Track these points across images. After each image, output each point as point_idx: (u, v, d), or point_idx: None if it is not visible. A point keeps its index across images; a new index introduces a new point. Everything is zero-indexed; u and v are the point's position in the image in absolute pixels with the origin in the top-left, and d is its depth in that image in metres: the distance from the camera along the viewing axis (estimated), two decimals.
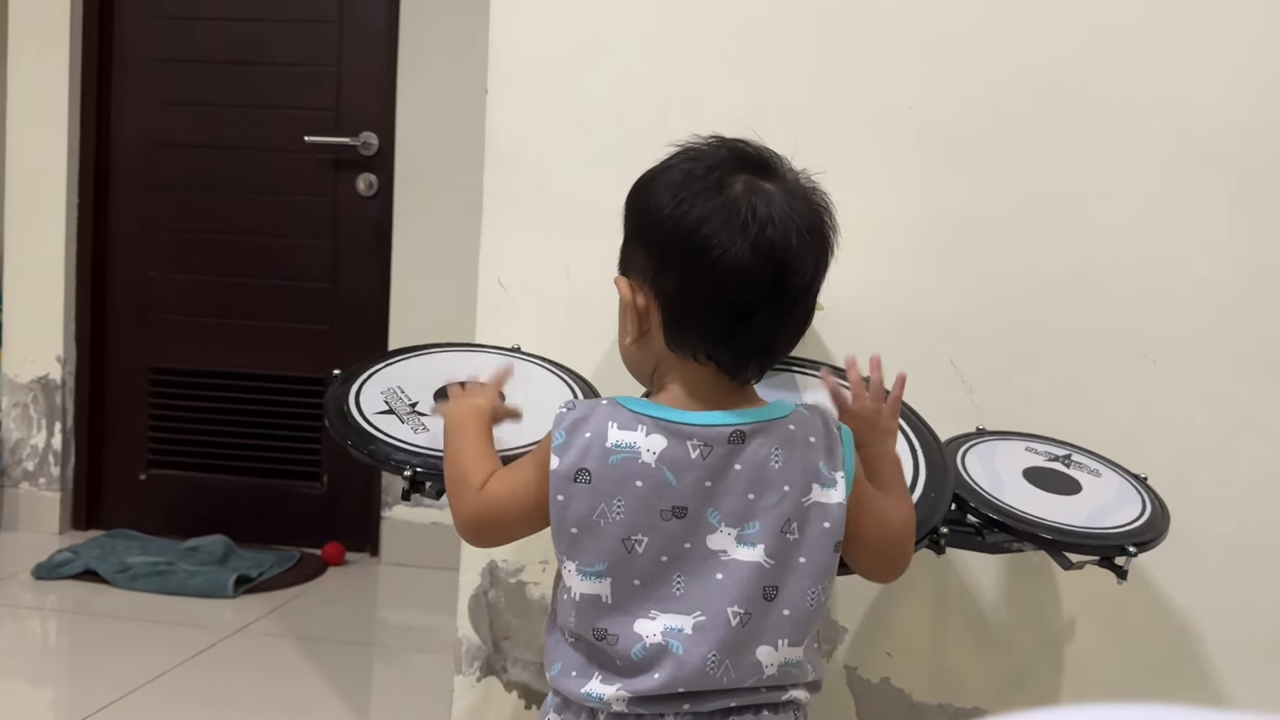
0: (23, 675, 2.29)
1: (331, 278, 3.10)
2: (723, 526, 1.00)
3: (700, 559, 1.00)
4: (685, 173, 1.01)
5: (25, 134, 3.09)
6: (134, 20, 3.14)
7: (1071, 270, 1.61)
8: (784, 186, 1.01)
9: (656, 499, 0.99)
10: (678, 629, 0.99)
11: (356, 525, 3.09)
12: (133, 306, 3.17)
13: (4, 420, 3.13)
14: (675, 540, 1.00)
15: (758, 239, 0.97)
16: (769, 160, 1.03)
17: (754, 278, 0.97)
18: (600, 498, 0.99)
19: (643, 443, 0.99)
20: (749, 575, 1.00)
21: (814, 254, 1.00)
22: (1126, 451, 1.53)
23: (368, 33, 3.06)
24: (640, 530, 0.99)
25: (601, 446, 0.99)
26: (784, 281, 0.98)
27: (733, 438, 1.00)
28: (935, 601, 1.69)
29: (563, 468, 0.99)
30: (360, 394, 1.36)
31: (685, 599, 1.00)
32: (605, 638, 1.01)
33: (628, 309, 1.04)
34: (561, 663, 1.04)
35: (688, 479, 0.99)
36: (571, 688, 1.02)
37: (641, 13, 1.70)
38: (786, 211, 0.98)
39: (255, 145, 3.10)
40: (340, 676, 2.25)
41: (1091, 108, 1.60)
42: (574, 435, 1.00)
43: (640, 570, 1.00)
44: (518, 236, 1.73)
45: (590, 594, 1.00)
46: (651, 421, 1.00)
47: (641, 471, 0.98)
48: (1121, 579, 1.37)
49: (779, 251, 0.97)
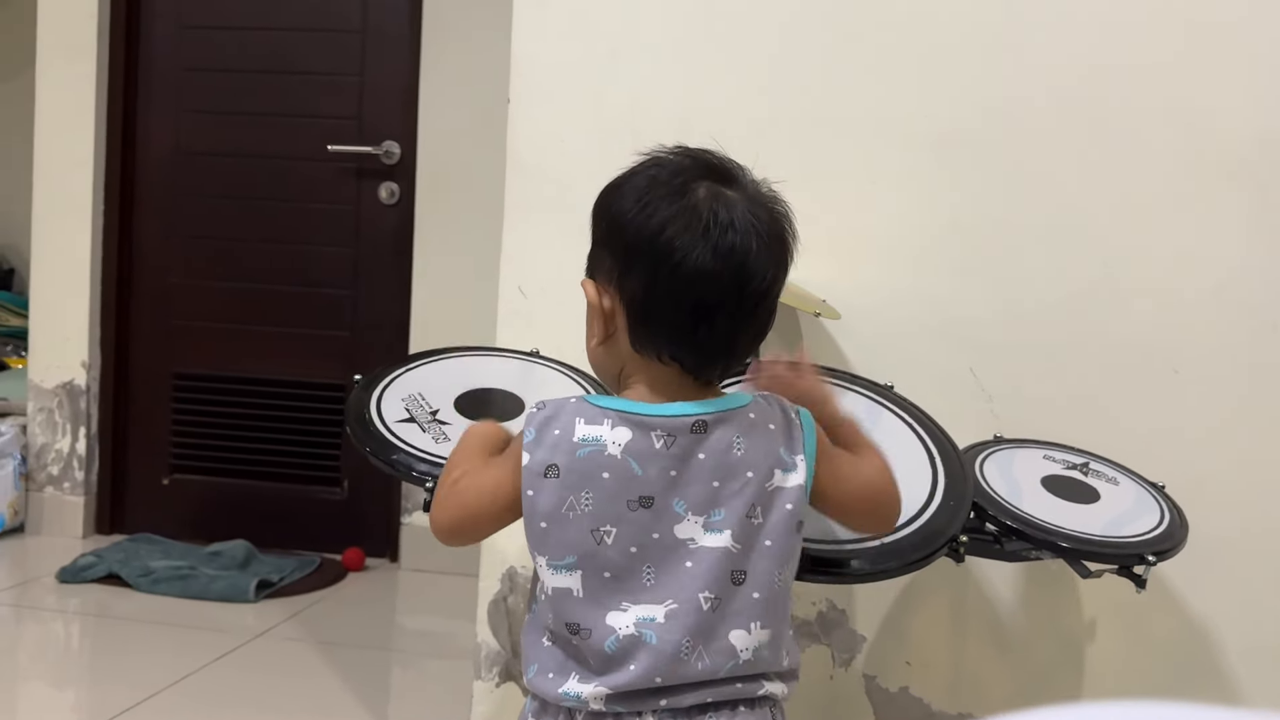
0: (46, 677, 2.32)
1: (353, 285, 3.13)
2: (689, 515, 1.02)
3: (669, 548, 1.02)
4: (650, 179, 1.05)
5: (52, 142, 3.13)
6: (160, 30, 3.18)
7: (1090, 279, 1.61)
8: (745, 194, 1.04)
9: (623, 490, 1.01)
10: (650, 619, 1.01)
11: (377, 531, 3.11)
12: (157, 313, 3.21)
13: (29, 425, 3.16)
14: (643, 531, 1.02)
15: (719, 243, 1.00)
16: (730, 169, 1.06)
17: (716, 281, 1.00)
18: (568, 491, 1.01)
19: (608, 435, 1.01)
20: (717, 560, 1.02)
21: (774, 259, 1.03)
22: (1145, 460, 1.53)
23: (390, 42, 3.08)
24: (609, 521, 1.01)
25: (569, 441, 1.02)
26: (744, 285, 1.01)
27: (695, 427, 1.02)
28: (954, 610, 1.68)
29: (533, 463, 1.02)
30: (382, 401, 1.37)
31: (656, 589, 1.02)
32: (578, 632, 1.02)
33: (594, 311, 1.07)
34: (538, 664, 1.05)
35: (653, 469, 1.01)
36: (548, 688, 1.03)
37: (659, 24, 1.71)
38: (748, 217, 1.02)
39: (279, 154, 3.13)
40: (360, 681, 2.27)
41: (1110, 115, 1.60)
42: (544, 432, 1.03)
43: (610, 562, 1.02)
44: (538, 243, 1.74)
45: (562, 588, 1.02)
46: (616, 415, 1.02)
47: (608, 463, 1.01)
48: (1140, 588, 1.36)
49: (739, 255, 1.01)
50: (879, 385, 1.53)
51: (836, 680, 1.69)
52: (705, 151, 1.08)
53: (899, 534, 1.31)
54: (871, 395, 1.50)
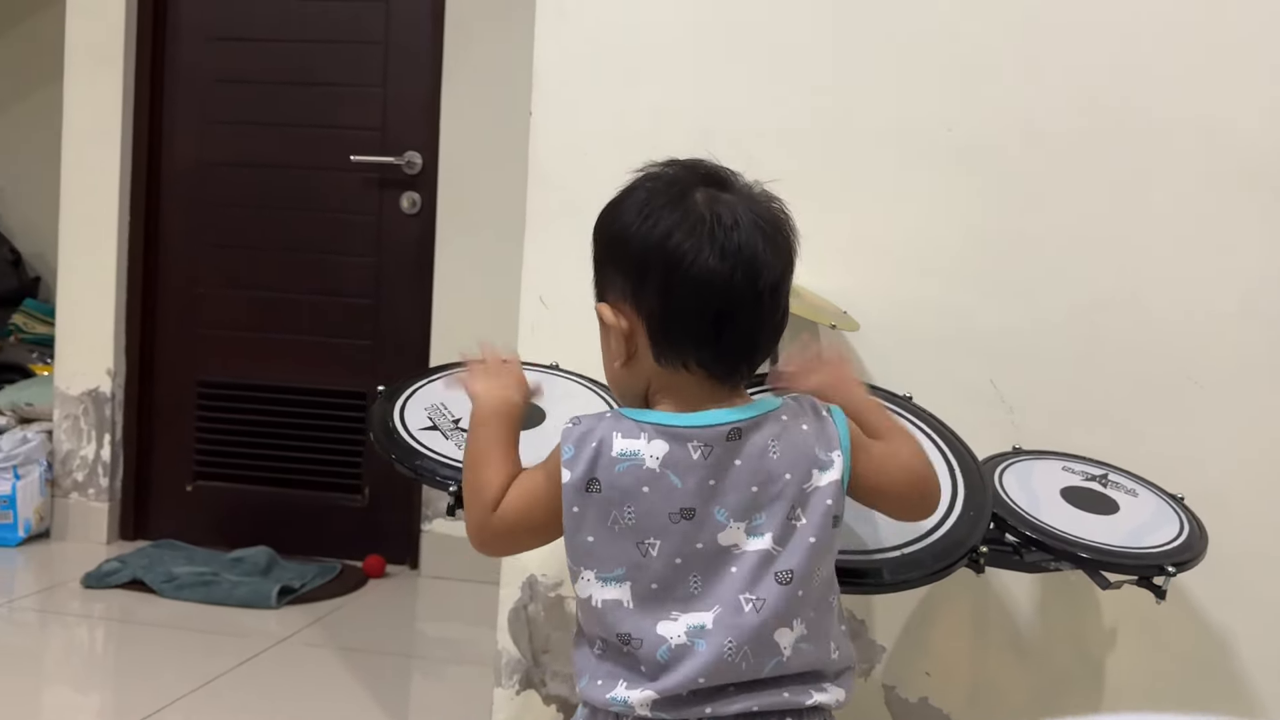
0: (70, 682, 2.34)
1: (375, 294, 3.15)
2: (731, 522, 1.03)
3: (713, 556, 1.03)
4: (648, 191, 1.06)
5: (79, 153, 3.16)
6: (186, 41, 3.22)
7: (1112, 291, 1.61)
8: (741, 196, 1.06)
9: (664, 502, 1.02)
10: (700, 626, 1.02)
11: (397, 538, 3.12)
12: (182, 321, 3.24)
13: (55, 431, 3.19)
14: (687, 541, 1.02)
15: (725, 243, 1.02)
16: (723, 174, 1.08)
17: (728, 280, 1.02)
18: (611, 506, 1.02)
19: (645, 449, 1.02)
20: (759, 563, 1.03)
21: (779, 252, 1.05)
22: (1164, 472, 1.53)
23: (413, 55, 3.11)
24: (652, 534, 1.02)
25: (608, 456, 1.02)
26: (755, 280, 1.02)
27: (730, 435, 1.03)
28: (974, 621, 1.69)
29: (574, 479, 1.03)
30: (405, 410, 1.39)
31: (703, 597, 1.03)
32: (630, 642, 1.03)
33: (612, 333, 1.07)
34: (589, 674, 1.07)
35: (691, 480, 1.02)
36: (597, 695, 1.05)
37: (681, 37, 1.72)
38: (748, 215, 1.03)
39: (303, 164, 3.16)
40: (380, 687, 2.28)
41: (1132, 128, 1.61)
42: (582, 447, 1.03)
43: (656, 574, 1.03)
44: (559, 255, 1.75)
45: (611, 599, 1.03)
46: (652, 428, 1.03)
47: (647, 477, 1.02)
48: (1160, 599, 1.37)
49: (747, 252, 1.02)
50: (897, 396, 1.53)
51: (856, 690, 1.69)
52: (697, 161, 1.09)
53: (919, 545, 1.31)
54: (890, 406, 1.50)
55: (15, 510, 3.05)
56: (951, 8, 1.64)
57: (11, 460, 3.05)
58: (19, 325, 3.85)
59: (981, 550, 1.33)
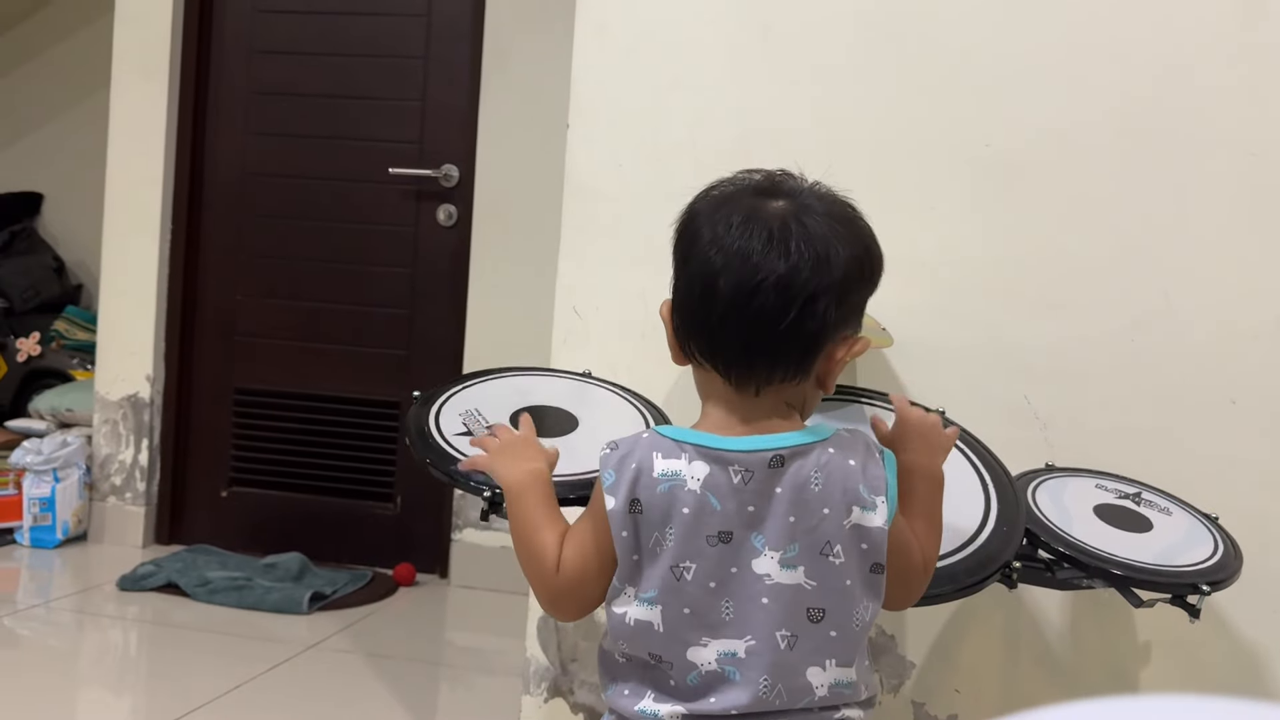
0: (104, 683, 2.37)
1: (410, 304, 3.18)
2: (767, 550, 1.01)
3: (747, 584, 1.01)
4: (712, 198, 1.07)
5: (124, 161, 3.22)
6: (230, 54, 3.28)
7: (1149, 308, 1.61)
8: (793, 206, 1.02)
9: (702, 525, 1.01)
10: (731, 654, 1.01)
11: (428, 547, 3.14)
12: (220, 329, 3.29)
13: (95, 436, 3.24)
14: (721, 566, 1.01)
15: (727, 243, 1.00)
16: (782, 182, 1.06)
17: (716, 278, 1.00)
18: (653, 527, 1.01)
19: (686, 470, 1.01)
20: (792, 598, 1.01)
21: (802, 270, 0.99)
22: (1199, 491, 1.51)
23: (452, 69, 3.15)
24: (688, 558, 1.01)
25: (649, 476, 1.01)
26: (754, 287, 0.99)
27: (773, 462, 1.02)
28: (1005, 638, 1.68)
29: (618, 505, 1.01)
30: (440, 415, 1.40)
31: (735, 624, 1.01)
32: (660, 663, 1.03)
33: (666, 328, 1.10)
34: (616, 682, 1.07)
35: (731, 504, 1.01)
36: (625, 706, 1.04)
37: (719, 51, 1.74)
38: (783, 226, 1.00)
39: (342, 176, 3.20)
40: (409, 694, 2.29)
41: (1171, 145, 1.60)
42: (622, 471, 1.02)
43: (690, 598, 1.01)
44: (594, 266, 1.77)
45: (644, 620, 1.02)
46: (693, 449, 1.02)
47: (687, 498, 1.01)
48: (1194, 618, 1.35)
49: (750, 258, 0.99)
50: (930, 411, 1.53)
51: (885, 706, 1.68)
52: (773, 172, 1.07)
53: (952, 559, 1.31)
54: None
55: (54, 513, 3.10)
56: (994, 24, 1.65)
57: (51, 463, 3.10)
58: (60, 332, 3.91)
59: (1014, 566, 1.32)
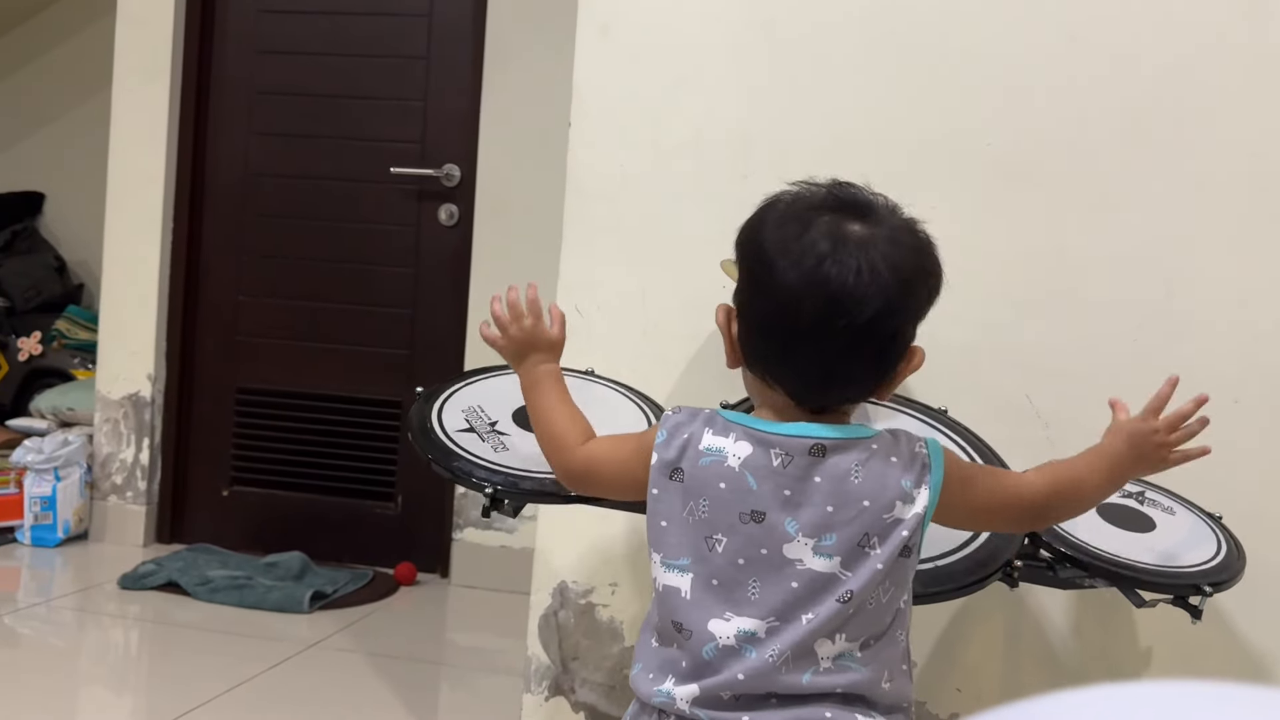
0: (105, 682, 2.37)
1: (411, 304, 3.18)
2: (800, 536, 1.03)
3: (776, 566, 1.03)
4: (786, 205, 1.06)
5: (127, 160, 3.22)
6: (232, 54, 3.28)
7: (1152, 309, 1.61)
8: (874, 230, 1.02)
9: (737, 501, 1.04)
10: (750, 633, 1.02)
11: (429, 546, 3.14)
12: (222, 328, 3.28)
13: (96, 435, 3.24)
14: (752, 544, 1.03)
15: (813, 272, 1.00)
16: (864, 201, 1.05)
17: (796, 306, 1.01)
18: (689, 496, 1.05)
19: (730, 448, 1.05)
20: (823, 585, 1.02)
21: (887, 296, 1.00)
22: (1202, 490, 1.51)
23: (454, 69, 3.15)
24: (720, 530, 1.04)
25: (696, 449, 1.06)
26: (833, 315, 1.00)
27: (813, 450, 1.04)
28: (1006, 638, 1.68)
29: (660, 464, 1.07)
30: (443, 411, 1.40)
31: (759, 603, 1.03)
32: (681, 631, 1.05)
33: (723, 334, 1.11)
34: (642, 663, 1.09)
35: (767, 485, 1.03)
36: (646, 688, 1.06)
37: (721, 51, 1.74)
38: (864, 253, 1.00)
39: (343, 175, 3.20)
40: (409, 693, 2.29)
41: (1172, 143, 1.60)
42: (675, 436, 1.07)
43: (718, 570, 1.04)
44: (596, 265, 1.77)
45: (672, 586, 1.05)
46: (741, 430, 1.05)
47: (726, 474, 1.04)
48: (1196, 619, 1.35)
49: (832, 286, 0.99)
50: (932, 409, 1.53)
51: None
52: (848, 185, 1.07)
53: (953, 557, 1.31)
54: (925, 419, 1.50)
55: (55, 511, 3.10)
56: (997, 24, 1.65)
57: (52, 462, 3.10)
58: (62, 331, 3.92)
59: (1016, 565, 1.32)
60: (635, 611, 1.74)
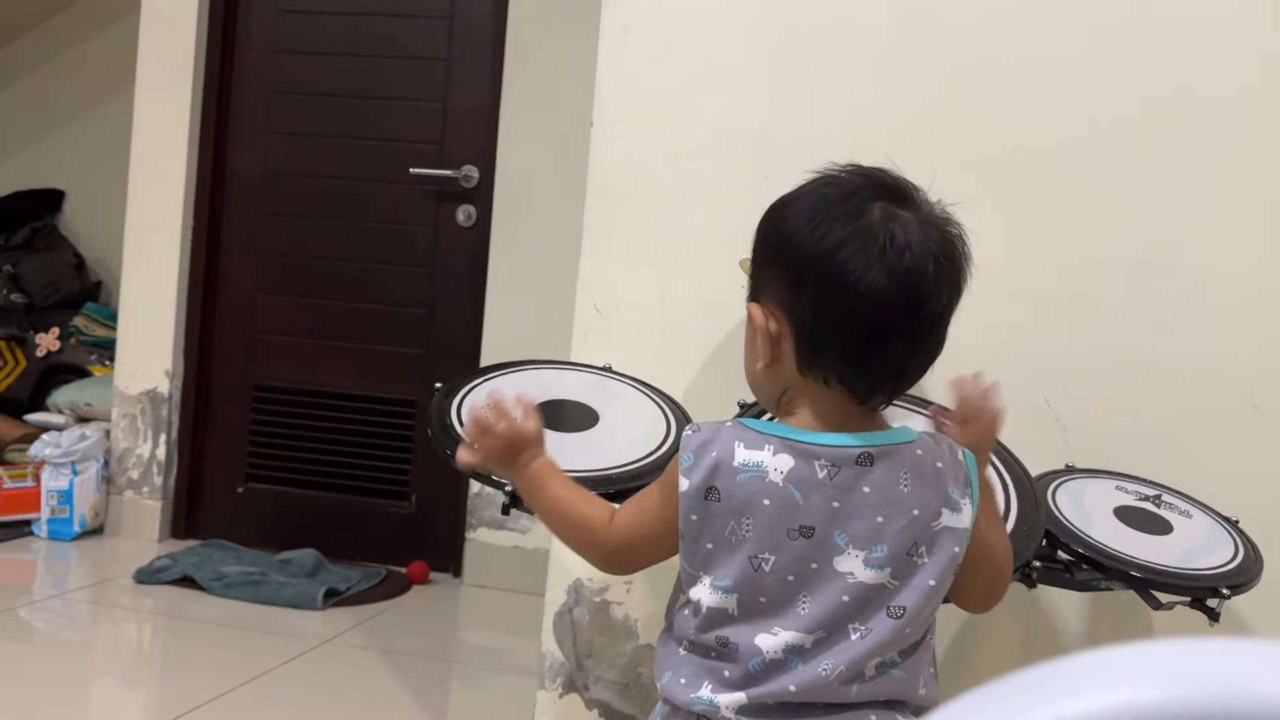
0: (118, 674, 2.38)
1: (428, 304, 3.20)
2: (850, 549, 0.99)
3: (826, 580, 1.00)
4: (821, 197, 1.02)
5: (148, 158, 3.24)
6: (254, 53, 3.30)
7: (1172, 312, 1.61)
8: (920, 215, 1.01)
9: (784, 518, 0.99)
10: (799, 646, 0.99)
11: (441, 545, 3.15)
12: (240, 326, 3.30)
13: (113, 430, 3.26)
14: (801, 561, 1.00)
15: (895, 265, 0.97)
16: (905, 188, 1.03)
17: (890, 303, 0.98)
18: (729, 516, 1.00)
19: (769, 461, 0.99)
20: (874, 597, 1.00)
21: (948, 282, 1.00)
22: (1220, 495, 1.51)
23: (474, 70, 3.16)
24: (768, 549, 1.00)
25: (729, 465, 1.00)
26: (919, 308, 0.99)
27: (860, 459, 1.00)
28: (1022, 641, 1.67)
29: (692, 488, 1.01)
30: (462, 408, 1.41)
31: (809, 618, 1.00)
32: (727, 645, 1.01)
33: (760, 334, 1.04)
34: (671, 671, 1.05)
35: (815, 499, 0.99)
36: (680, 694, 1.03)
37: (742, 52, 1.74)
38: (922, 239, 0.99)
39: (362, 175, 3.22)
40: (421, 690, 2.30)
41: (1193, 147, 1.60)
42: (701, 456, 1.01)
43: (766, 589, 1.00)
44: (615, 263, 1.78)
45: (718, 607, 1.01)
46: (778, 441, 1.00)
47: (769, 490, 0.99)
48: (1214, 622, 1.35)
49: (916, 278, 0.98)
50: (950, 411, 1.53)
51: None
52: (879, 170, 1.05)
53: None
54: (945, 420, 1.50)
55: (72, 505, 3.12)
56: (1019, 27, 1.65)
57: (70, 457, 3.12)
58: (80, 328, 3.94)
59: (1034, 565, 1.32)
60: (650, 610, 1.75)
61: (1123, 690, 0.34)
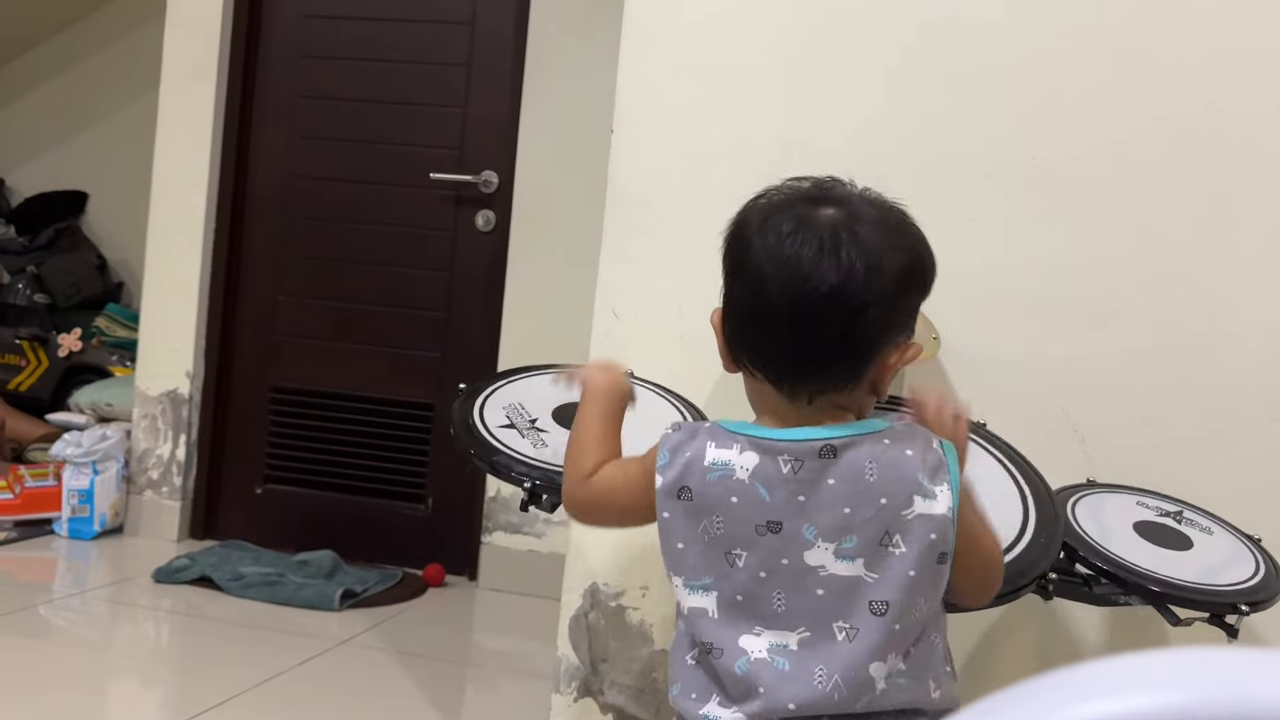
0: (136, 673, 2.40)
1: (446, 307, 3.21)
2: (820, 541, 1.01)
3: (798, 574, 1.01)
4: (761, 207, 1.07)
5: (171, 161, 3.27)
6: (277, 58, 3.32)
7: (1193, 325, 1.60)
8: (845, 212, 1.02)
9: (751, 514, 1.01)
10: (783, 645, 1.00)
11: (457, 548, 3.16)
12: (260, 328, 3.32)
13: (134, 430, 3.28)
14: (772, 555, 1.01)
15: (775, 250, 1.01)
16: (835, 191, 1.05)
17: (766, 285, 1.01)
18: (701, 515, 1.03)
19: (736, 460, 1.02)
20: (850, 590, 1.00)
21: (855, 277, 0.99)
22: (1241, 511, 1.50)
23: (495, 76, 3.18)
24: (739, 545, 1.02)
25: (700, 465, 1.03)
26: (804, 295, 0.99)
27: (823, 452, 1.01)
28: (1039, 654, 1.67)
29: (665, 485, 1.04)
30: (484, 408, 1.42)
31: (787, 615, 1.01)
32: (711, 651, 1.03)
33: (716, 336, 1.09)
34: (682, 683, 1.06)
35: (780, 494, 1.01)
36: (690, 709, 1.04)
37: (762, 60, 1.75)
38: (833, 234, 1.00)
39: (383, 180, 3.24)
40: (436, 693, 2.30)
41: (1216, 158, 1.60)
42: (676, 455, 1.04)
43: (741, 586, 1.02)
44: (634, 269, 1.78)
45: (697, 607, 1.03)
46: (745, 439, 1.03)
47: (736, 488, 1.02)
48: (1232, 638, 1.34)
49: (799, 265, 0.99)
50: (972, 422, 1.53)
51: None
52: (826, 178, 1.07)
53: None
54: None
55: (92, 505, 3.14)
56: (1042, 37, 1.65)
57: (90, 456, 3.14)
58: (101, 328, 3.98)
59: (1051, 577, 1.32)
60: (665, 614, 1.75)
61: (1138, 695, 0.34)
